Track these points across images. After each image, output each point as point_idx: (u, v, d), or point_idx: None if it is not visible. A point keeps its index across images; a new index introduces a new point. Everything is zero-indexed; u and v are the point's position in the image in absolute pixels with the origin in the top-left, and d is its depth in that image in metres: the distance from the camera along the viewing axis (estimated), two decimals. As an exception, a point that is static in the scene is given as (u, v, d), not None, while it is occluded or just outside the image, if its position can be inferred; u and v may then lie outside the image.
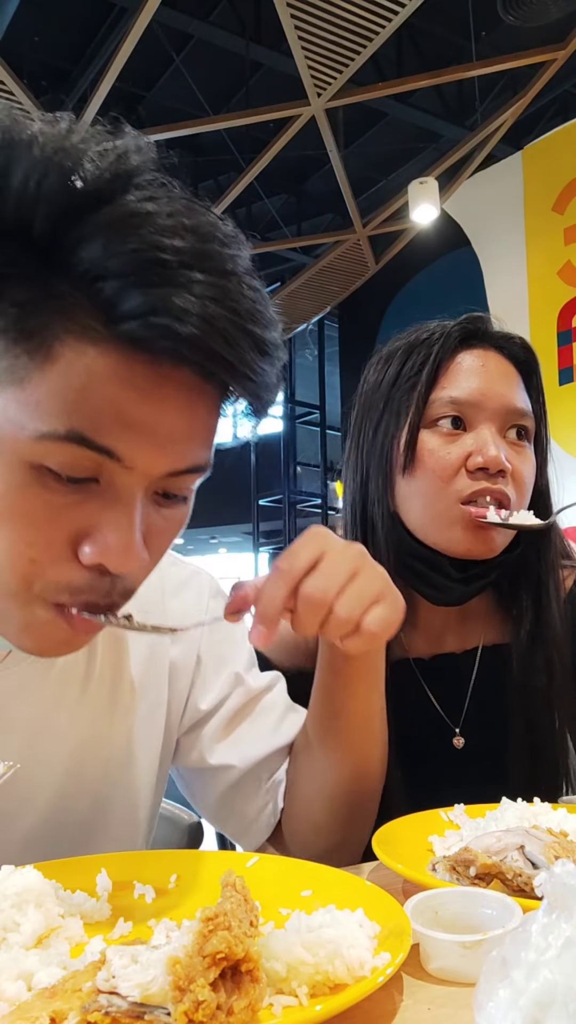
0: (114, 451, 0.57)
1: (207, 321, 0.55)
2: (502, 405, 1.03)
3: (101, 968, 0.51)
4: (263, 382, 0.61)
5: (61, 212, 0.54)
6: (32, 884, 0.64)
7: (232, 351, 0.57)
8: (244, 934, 0.50)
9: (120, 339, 0.56)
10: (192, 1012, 0.45)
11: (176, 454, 0.62)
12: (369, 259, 8.09)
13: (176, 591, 0.93)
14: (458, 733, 1.11)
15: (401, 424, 1.04)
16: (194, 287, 0.55)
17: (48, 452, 0.57)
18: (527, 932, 0.44)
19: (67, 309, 0.55)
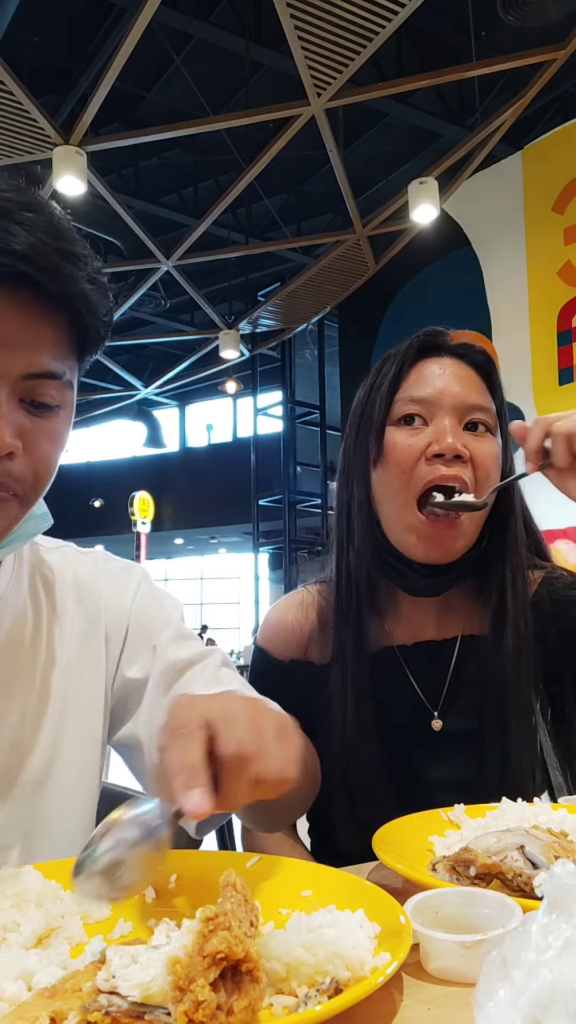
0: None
1: (26, 242, 0.72)
2: (459, 400, 1.12)
3: (101, 968, 0.51)
4: (78, 291, 0.76)
5: None
6: (32, 884, 0.64)
7: (42, 256, 0.73)
8: (244, 934, 0.50)
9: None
10: (192, 1012, 0.45)
11: (25, 358, 0.75)
12: (369, 259, 8.09)
13: (109, 576, 1.03)
14: (436, 716, 1.17)
15: (373, 427, 1.15)
16: (18, 217, 0.73)
17: None
18: (527, 932, 0.44)
19: None
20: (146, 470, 15.87)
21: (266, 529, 13.39)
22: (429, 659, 1.20)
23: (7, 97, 5.37)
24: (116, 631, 1.00)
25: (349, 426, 1.22)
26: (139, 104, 7.54)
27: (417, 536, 1.10)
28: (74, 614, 0.97)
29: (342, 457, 1.23)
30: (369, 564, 1.16)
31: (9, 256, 0.71)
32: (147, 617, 1.02)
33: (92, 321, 0.80)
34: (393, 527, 1.13)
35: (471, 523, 1.11)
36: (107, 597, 1.01)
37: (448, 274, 6.90)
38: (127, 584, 1.03)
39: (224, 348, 10.01)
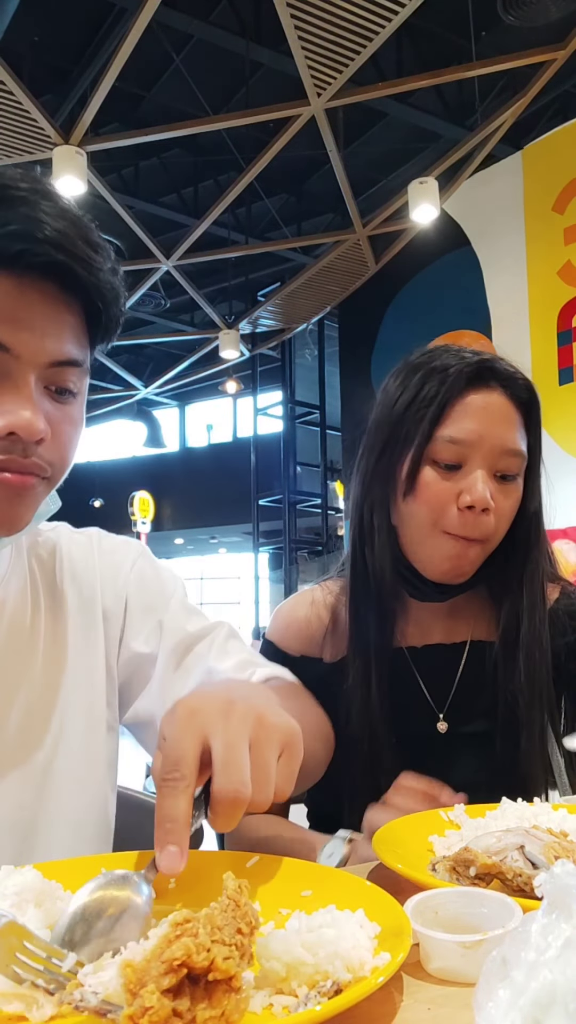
0: (3, 342, 0.75)
1: (55, 230, 0.75)
2: (496, 446, 1.13)
3: None
4: (101, 277, 0.79)
5: None
6: (32, 884, 0.64)
7: (70, 243, 0.75)
8: (220, 941, 0.49)
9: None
10: (138, 1017, 0.45)
11: (52, 346, 0.78)
12: (369, 259, 8.09)
13: (105, 552, 1.04)
14: (442, 718, 1.20)
15: (406, 451, 1.15)
16: (42, 207, 0.75)
17: None
18: (527, 932, 0.44)
19: None
20: (146, 470, 15.87)
21: (266, 529, 13.38)
22: (437, 662, 1.22)
23: (7, 97, 5.37)
24: (115, 607, 1.00)
25: (374, 428, 1.21)
26: (139, 104, 7.54)
27: (442, 556, 1.14)
28: (71, 594, 0.98)
29: (362, 457, 1.23)
30: (385, 571, 1.18)
31: (42, 244, 0.74)
32: (147, 591, 1.02)
33: (110, 310, 0.83)
34: (415, 549, 1.16)
35: (490, 548, 1.16)
36: (103, 574, 1.01)
37: (448, 274, 6.90)
38: (124, 559, 1.04)
39: (224, 348, 10.01)
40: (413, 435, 1.14)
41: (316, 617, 1.26)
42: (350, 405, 8.20)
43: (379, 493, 1.18)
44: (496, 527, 1.13)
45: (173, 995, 0.46)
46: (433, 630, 1.24)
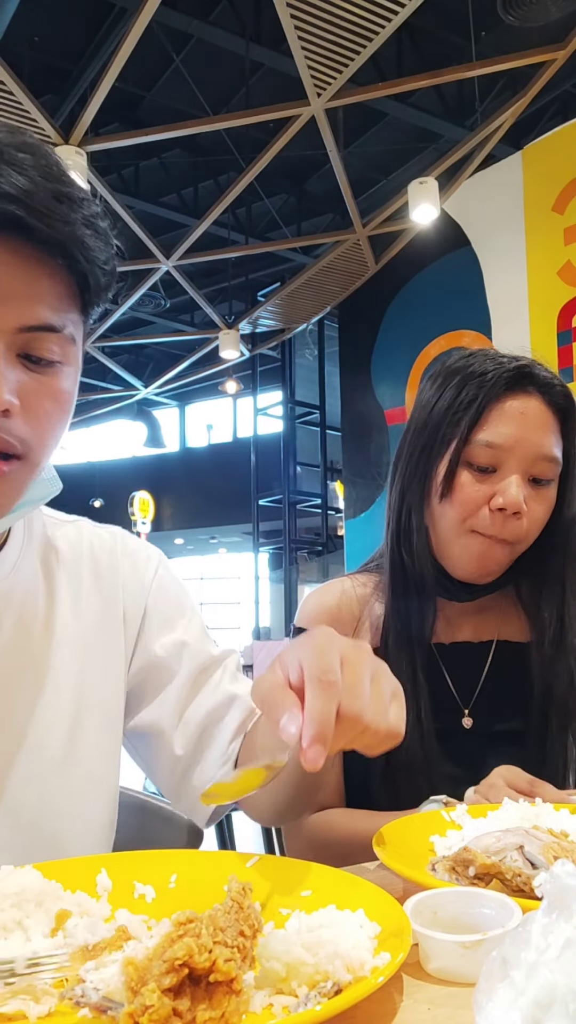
0: None
1: (14, 184, 0.68)
2: (532, 452, 1.15)
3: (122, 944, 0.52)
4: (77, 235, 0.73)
5: None
6: (32, 884, 0.64)
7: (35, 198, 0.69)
8: (221, 943, 0.49)
9: None
10: (138, 1015, 0.45)
11: (20, 310, 0.71)
12: (369, 259, 8.09)
13: (127, 554, 1.01)
14: (467, 714, 1.23)
15: (444, 453, 1.18)
16: (10, 157, 0.69)
17: None
18: (527, 932, 0.44)
19: None
20: (146, 470, 15.87)
21: (266, 529, 13.38)
22: (465, 659, 1.26)
23: (7, 97, 5.36)
24: (134, 612, 0.99)
25: (412, 431, 1.23)
26: (139, 104, 7.54)
27: (470, 556, 1.17)
28: (90, 589, 0.96)
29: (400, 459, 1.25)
30: (423, 568, 1.21)
31: (1, 198, 0.68)
32: (167, 601, 1.01)
33: (92, 268, 0.75)
34: (445, 549, 1.19)
35: (520, 550, 1.18)
36: (126, 575, 0.99)
37: (448, 274, 6.89)
38: (146, 565, 1.02)
39: (224, 348, 10.01)
40: (450, 438, 1.17)
41: (347, 607, 1.28)
42: (350, 405, 8.19)
43: (416, 494, 1.21)
44: (528, 530, 1.16)
45: (174, 994, 0.46)
46: (462, 628, 1.27)
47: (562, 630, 1.22)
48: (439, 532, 1.19)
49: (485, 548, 1.15)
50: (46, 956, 0.55)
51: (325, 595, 1.30)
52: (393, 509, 1.25)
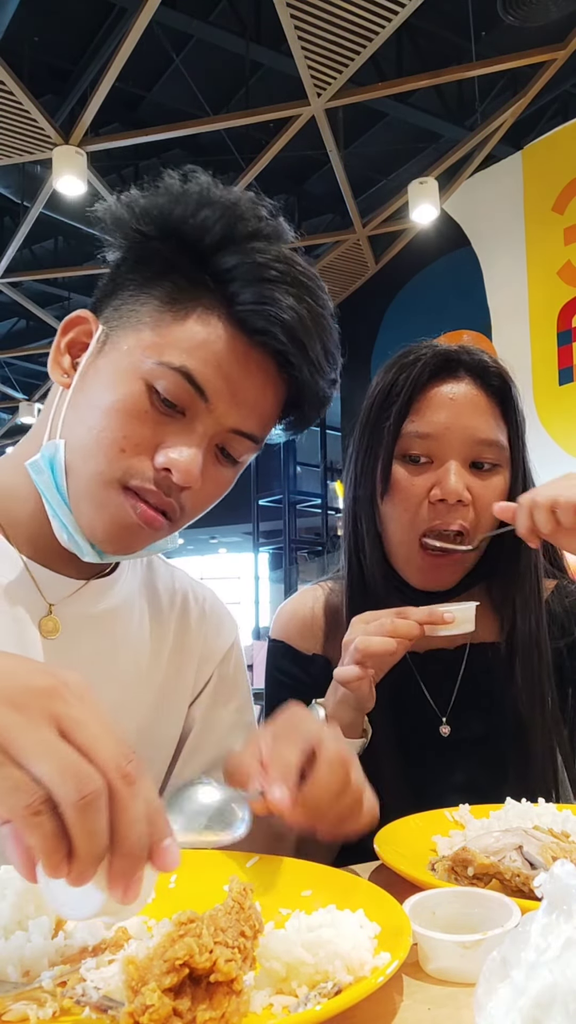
0: (205, 391, 0.80)
1: (298, 318, 0.81)
2: (468, 436, 1.10)
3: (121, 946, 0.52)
4: (320, 384, 0.86)
5: (219, 241, 0.83)
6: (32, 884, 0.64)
7: (309, 343, 0.82)
8: (222, 943, 0.49)
9: (234, 320, 0.81)
10: (139, 1014, 0.45)
11: (244, 416, 0.83)
12: (369, 259, 8.08)
13: (214, 614, 1.07)
14: (444, 722, 1.19)
15: (380, 451, 1.13)
16: (291, 297, 0.81)
17: (161, 376, 0.79)
18: (527, 932, 0.44)
19: (204, 294, 0.82)
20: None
21: (266, 529, 13.37)
22: (439, 667, 1.21)
23: (7, 97, 5.36)
24: (205, 673, 1.03)
25: (359, 430, 1.19)
26: (139, 104, 7.53)
27: (416, 568, 1.13)
28: (176, 634, 1.01)
29: (349, 462, 1.21)
30: (377, 579, 1.17)
31: (278, 328, 0.80)
32: (230, 679, 1.06)
33: (310, 411, 0.89)
34: (396, 555, 1.15)
35: (470, 557, 1.13)
36: (207, 636, 1.04)
37: (448, 274, 6.89)
38: (229, 633, 1.08)
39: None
40: (383, 440, 1.12)
41: (320, 615, 1.25)
42: (350, 405, 8.19)
43: (364, 495, 1.17)
44: (478, 519, 1.10)
45: (174, 994, 0.46)
46: (433, 636, 1.23)
47: (513, 626, 1.18)
48: (389, 537, 1.15)
49: (430, 562, 1.11)
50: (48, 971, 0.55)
51: (298, 605, 1.27)
52: (347, 516, 1.21)
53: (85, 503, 0.81)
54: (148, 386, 0.79)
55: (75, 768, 0.46)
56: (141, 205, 0.86)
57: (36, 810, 0.45)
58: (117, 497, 0.80)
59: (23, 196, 7.03)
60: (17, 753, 0.46)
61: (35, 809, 0.45)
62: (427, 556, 1.11)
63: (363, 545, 1.17)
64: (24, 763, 0.46)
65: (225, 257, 0.82)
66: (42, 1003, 0.52)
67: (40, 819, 0.45)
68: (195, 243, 0.83)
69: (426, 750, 1.18)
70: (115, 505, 0.80)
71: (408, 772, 1.13)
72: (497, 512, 1.01)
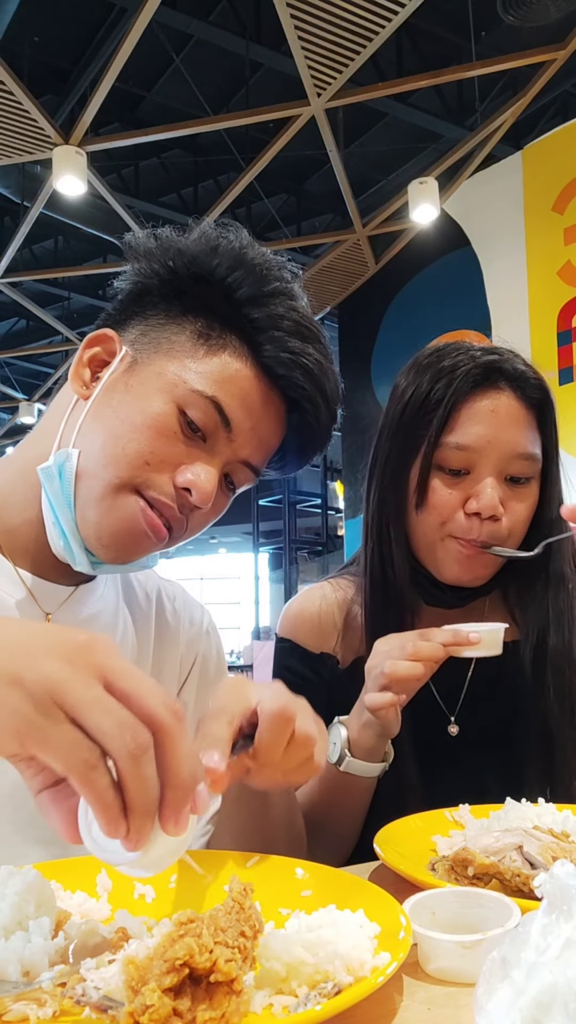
0: (231, 421, 0.87)
1: (316, 364, 0.91)
2: (506, 451, 1.10)
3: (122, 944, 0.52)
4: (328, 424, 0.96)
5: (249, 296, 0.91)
6: (32, 884, 0.64)
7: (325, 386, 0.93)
8: (222, 943, 0.49)
9: (259, 363, 0.90)
10: (139, 1014, 0.45)
11: (255, 449, 0.91)
12: (369, 259, 8.08)
13: (187, 606, 1.10)
14: (453, 721, 1.19)
15: (415, 458, 1.13)
16: (309, 346, 0.91)
17: (193, 402, 0.86)
18: (527, 932, 0.44)
19: (234, 337, 0.90)
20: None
21: (266, 529, 13.38)
22: (448, 666, 1.18)
23: (7, 97, 5.36)
24: (188, 658, 1.07)
25: (387, 429, 1.18)
26: (139, 104, 7.53)
27: (452, 559, 1.12)
28: (158, 628, 1.04)
29: (376, 460, 1.20)
30: (404, 577, 1.16)
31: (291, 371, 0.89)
32: (210, 661, 1.09)
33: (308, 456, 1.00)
34: (426, 552, 1.15)
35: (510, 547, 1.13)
36: (186, 624, 1.08)
37: (448, 274, 6.89)
38: (201, 619, 1.11)
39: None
40: (421, 442, 1.11)
41: (328, 614, 1.24)
42: (350, 405, 8.13)
43: (392, 504, 1.16)
44: (510, 532, 1.11)
45: (174, 994, 0.46)
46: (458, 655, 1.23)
47: (544, 639, 1.17)
48: (419, 539, 1.15)
49: (468, 553, 1.10)
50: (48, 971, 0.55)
51: (305, 603, 1.27)
52: (372, 519, 1.20)
53: (94, 508, 0.84)
54: (179, 409, 0.85)
55: (128, 721, 0.49)
56: (176, 248, 0.93)
57: (93, 764, 0.47)
58: (131, 501, 0.83)
59: (23, 196, 7.03)
60: (71, 709, 0.48)
61: (92, 764, 0.47)
62: (465, 546, 1.10)
63: (389, 545, 1.17)
64: (79, 719, 0.48)
65: (253, 309, 0.90)
66: (42, 1003, 0.52)
67: (97, 773, 0.48)
68: (227, 295, 0.91)
69: (434, 749, 1.17)
70: (128, 508, 0.83)
71: (416, 771, 1.13)
72: (566, 514, 1.00)
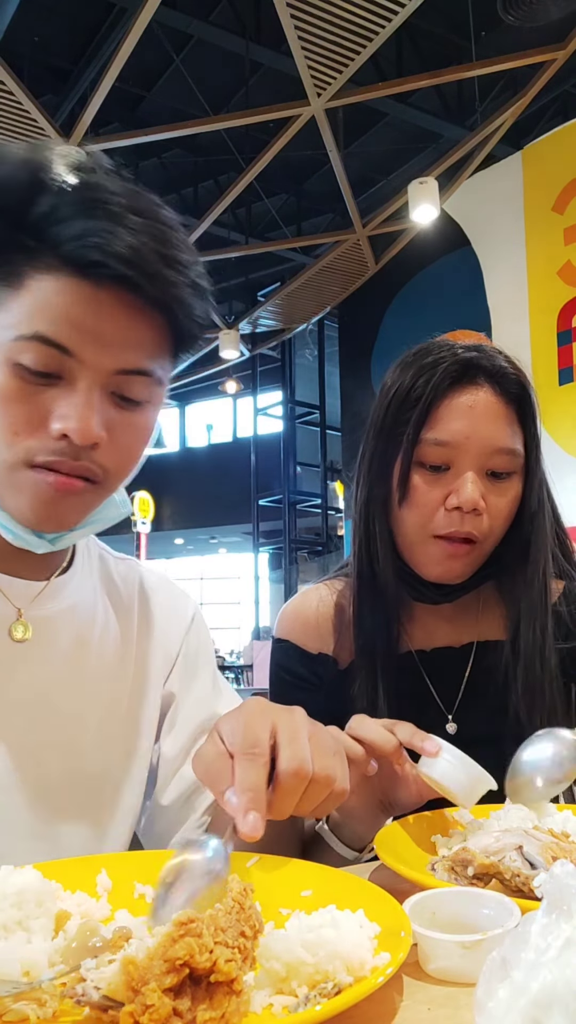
0: (67, 347, 0.76)
1: (130, 245, 0.75)
2: (486, 446, 1.10)
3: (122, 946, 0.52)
4: (179, 296, 0.80)
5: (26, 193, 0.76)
6: (32, 884, 0.64)
7: (152, 261, 0.76)
8: (222, 943, 0.49)
9: (69, 267, 0.75)
10: (138, 1014, 0.45)
11: (118, 355, 0.78)
12: (369, 259, 8.09)
13: (172, 595, 1.07)
14: (451, 719, 1.19)
15: (396, 456, 1.14)
16: (126, 221, 0.76)
17: (21, 351, 0.76)
18: (527, 932, 0.44)
19: (31, 255, 0.76)
20: (146, 470, 15.64)
21: (266, 529, 13.39)
22: (445, 664, 1.21)
23: (7, 97, 5.36)
24: (173, 649, 1.04)
25: (373, 429, 1.19)
26: (139, 104, 7.54)
27: (432, 559, 1.13)
28: (140, 621, 1.02)
29: (362, 461, 1.21)
30: (389, 575, 1.17)
31: (113, 259, 0.74)
32: (195, 650, 1.06)
33: (188, 323, 0.83)
34: (410, 551, 1.15)
35: (484, 550, 1.14)
36: (169, 615, 1.05)
37: (448, 274, 6.90)
38: (185, 608, 1.08)
39: (224, 348, 10.00)
40: (401, 439, 1.12)
41: (325, 615, 1.25)
42: (350, 405, 8.20)
43: (378, 497, 1.17)
44: (491, 527, 1.11)
45: (174, 994, 0.46)
46: (439, 633, 1.23)
47: (531, 633, 1.17)
48: (403, 536, 1.15)
49: (449, 552, 1.11)
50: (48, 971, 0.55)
51: (302, 604, 1.27)
52: (359, 516, 1.21)
53: (5, 493, 0.81)
54: (14, 365, 0.77)
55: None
56: None
57: None
58: (28, 476, 0.79)
59: (23, 196, 7.02)
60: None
61: None
62: (444, 545, 1.11)
63: (375, 542, 1.17)
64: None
65: (35, 208, 0.76)
66: (42, 1003, 0.52)
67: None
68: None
69: None
70: (29, 484, 0.79)
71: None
72: None
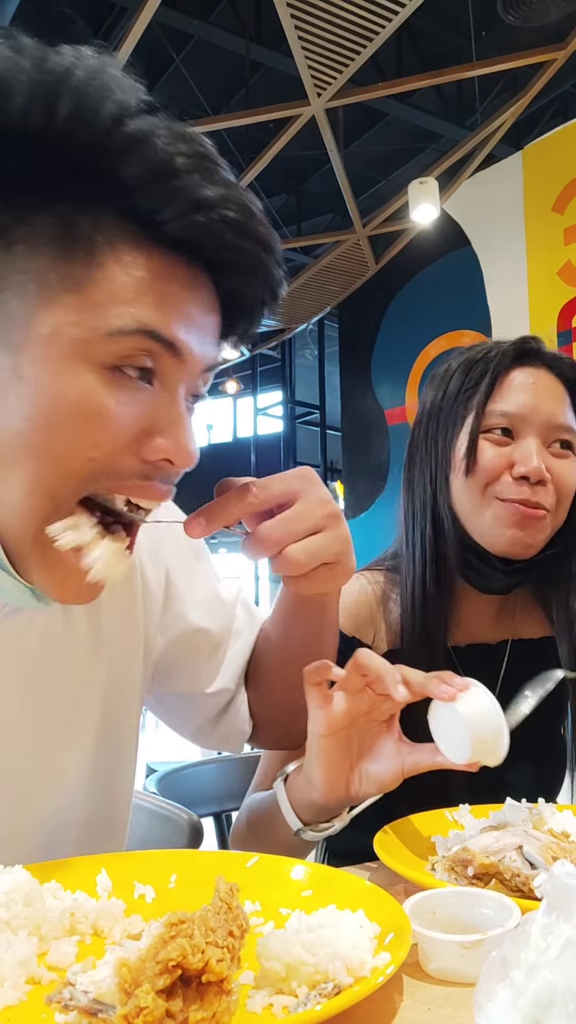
0: (175, 342, 0.62)
1: (267, 230, 0.64)
2: (547, 420, 1.15)
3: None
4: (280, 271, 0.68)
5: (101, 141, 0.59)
6: (21, 883, 0.64)
7: (264, 232, 0.64)
8: (214, 943, 0.49)
9: (158, 242, 0.61)
10: (132, 1016, 0.45)
11: (210, 348, 0.67)
12: (369, 259, 8.08)
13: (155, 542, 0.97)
14: None
15: (459, 431, 1.17)
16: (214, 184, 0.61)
17: (119, 348, 0.61)
18: (526, 932, 0.44)
19: (104, 221, 0.60)
20: (146, 470, 15.81)
21: (266, 529, 13.35)
22: (480, 661, 1.23)
23: (7, 97, 5.36)
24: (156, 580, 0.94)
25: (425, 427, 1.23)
26: (139, 104, 7.52)
27: (502, 523, 1.13)
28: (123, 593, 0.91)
29: (416, 456, 1.24)
30: (456, 563, 1.18)
31: (252, 242, 0.64)
32: (183, 557, 0.99)
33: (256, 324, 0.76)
34: (476, 524, 1.16)
35: (555, 518, 1.15)
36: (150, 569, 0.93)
37: (448, 274, 6.89)
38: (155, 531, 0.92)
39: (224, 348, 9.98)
40: (464, 416, 1.17)
41: (366, 604, 1.25)
42: (350, 405, 8.19)
43: (439, 483, 1.20)
44: (559, 498, 1.14)
45: (167, 995, 0.46)
46: (478, 630, 1.25)
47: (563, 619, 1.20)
48: (466, 508, 1.16)
49: (519, 516, 1.12)
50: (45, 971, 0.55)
51: (343, 593, 1.27)
52: (418, 500, 1.22)
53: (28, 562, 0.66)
54: (110, 369, 0.61)
55: None
56: None
57: None
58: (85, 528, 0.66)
59: (23, 196, 7.02)
60: None
61: None
62: (513, 507, 1.12)
63: (443, 524, 1.18)
64: None
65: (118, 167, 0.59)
66: (31, 1010, 0.52)
67: None
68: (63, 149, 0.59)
69: None
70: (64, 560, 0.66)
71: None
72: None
